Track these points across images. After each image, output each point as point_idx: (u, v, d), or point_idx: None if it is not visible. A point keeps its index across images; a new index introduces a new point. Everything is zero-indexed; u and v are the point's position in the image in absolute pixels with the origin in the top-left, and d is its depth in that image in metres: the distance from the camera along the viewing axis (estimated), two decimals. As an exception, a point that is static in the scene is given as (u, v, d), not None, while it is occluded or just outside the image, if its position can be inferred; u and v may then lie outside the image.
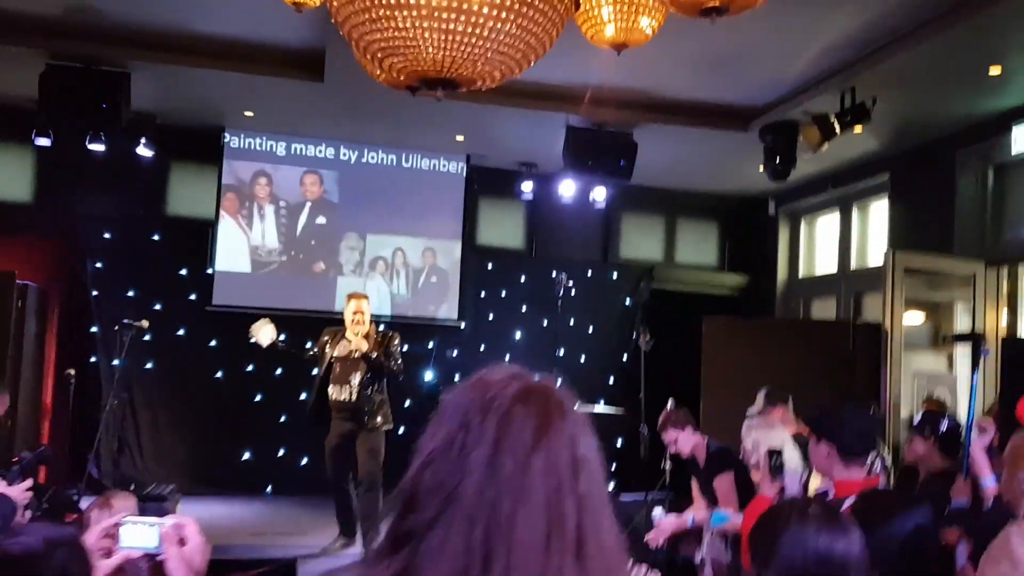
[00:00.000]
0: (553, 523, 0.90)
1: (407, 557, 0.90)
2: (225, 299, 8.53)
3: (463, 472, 0.91)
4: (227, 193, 8.63)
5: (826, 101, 6.54)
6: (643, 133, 7.50)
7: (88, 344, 8.17)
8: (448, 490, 0.90)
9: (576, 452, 0.95)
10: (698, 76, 6.62)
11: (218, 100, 7.70)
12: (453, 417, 0.95)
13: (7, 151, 8.35)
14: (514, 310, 9.44)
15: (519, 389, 0.96)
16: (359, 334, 6.04)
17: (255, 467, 8.48)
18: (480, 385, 0.97)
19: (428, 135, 8.42)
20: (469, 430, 0.93)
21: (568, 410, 0.98)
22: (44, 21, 6.18)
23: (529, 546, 0.88)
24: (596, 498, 0.95)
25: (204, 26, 6.30)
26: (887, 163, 8.10)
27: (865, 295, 8.58)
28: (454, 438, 0.93)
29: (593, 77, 6.75)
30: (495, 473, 0.90)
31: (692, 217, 10.13)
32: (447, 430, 0.95)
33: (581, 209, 9.16)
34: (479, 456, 0.91)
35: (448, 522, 0.89)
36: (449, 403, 0.98)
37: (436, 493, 0.91)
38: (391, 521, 0.94)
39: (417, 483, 0.93)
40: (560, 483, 0.92)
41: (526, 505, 0.89)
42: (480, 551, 0.87)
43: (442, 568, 0.87)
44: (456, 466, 0.91)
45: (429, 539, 0.89)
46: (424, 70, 2.47)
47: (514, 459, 0.91)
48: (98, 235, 8.31)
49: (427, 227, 9.09)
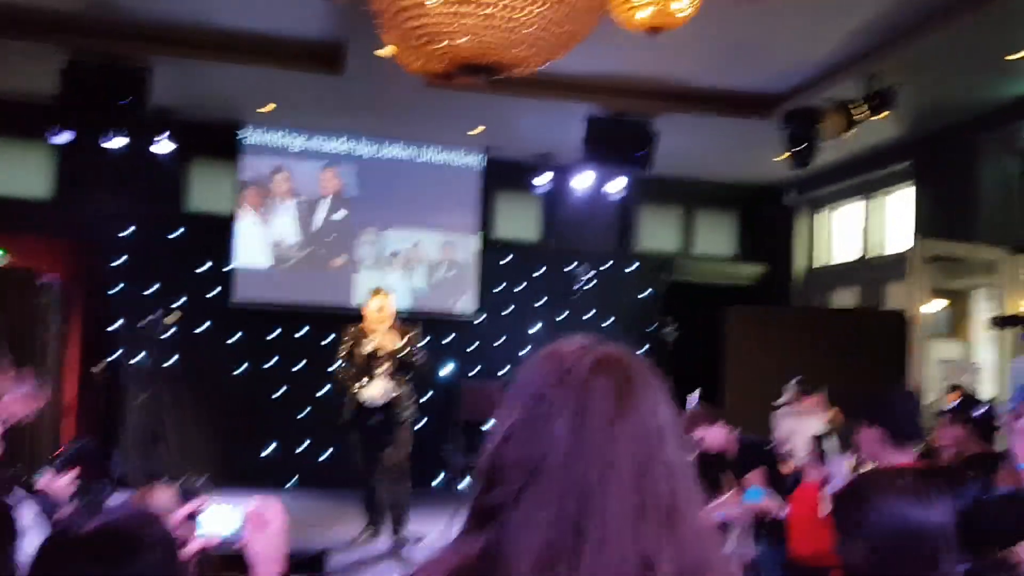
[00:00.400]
0: (644, 492, 0.88)
1: (494, 532, 0.89)
2: (246, 295, 8.55)
3: (546, 444, 0.90)
4: (246, 188, 8.64)
5: (849, 87, 6.49)
6: (663, 122, 7.46)
7: (109, 342, 8.19)
8: (532, 463, 0.89)
9: (660, 420, 0.93)
10: (719, 63, 6.59)
11: (237, 95, 7.70)
12: (528, 390, 0.94)
13: (27, 149, 8.37)
14: (531, 303, 9.43)
15: (596, 358, 0.95)
16: (384, 331, 6.07)
17: (279, 460, 8.51)
18: (554, 357, 0.96)
19: (445, 128, 8.41)
20: (548, 402, 0.92)
21: (648, 378, 0.96)
22: (65, 17, 6.18)
23: (620, 516, 0.87)
24: (683, 468, 0.93)
25: (224, 20, 6.30)
26: (909, 150, 8.04)
27: (886, 283, 8.53)
28: (532, 411, 0.92)
29: (613, 66, 6.72)
30: (580, 443, 0.89)
31: (710, 207, 10.09)
32: (524, 404, 0.93)
33: (597, 201, 9.13)
34: (561, 426, 0.90)
35: (535, 495, 0.88)
36: (522, 378, 0.97)
37: (520, 467, 0.90)
38: (472, 498, 0.93)
39: (498, 458, 0.92)
40: (648, 451, 0.90)
41: (614, 474, 0.88)
42: (570, 522, 0.86)
43: (532, 541, 0.86)
44: (538, 438, 0.90)
45: (516, 513, 0.88)
46: (465, 56, 2.46)
47: (598, 428, 0.90)
48: (118, 232, 8.33)
49: (444, 221, 9.08)
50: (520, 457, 0.90)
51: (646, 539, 0.87)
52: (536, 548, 0.86)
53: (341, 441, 8.54)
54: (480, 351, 9.16)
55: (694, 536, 0.90)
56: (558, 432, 0.89)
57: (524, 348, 9.36)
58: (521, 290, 9.43)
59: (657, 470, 0.90)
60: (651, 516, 0.88)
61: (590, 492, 0.87)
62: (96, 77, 6.51)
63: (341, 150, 8.86)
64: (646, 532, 0.87)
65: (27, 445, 6.59)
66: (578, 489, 0.87)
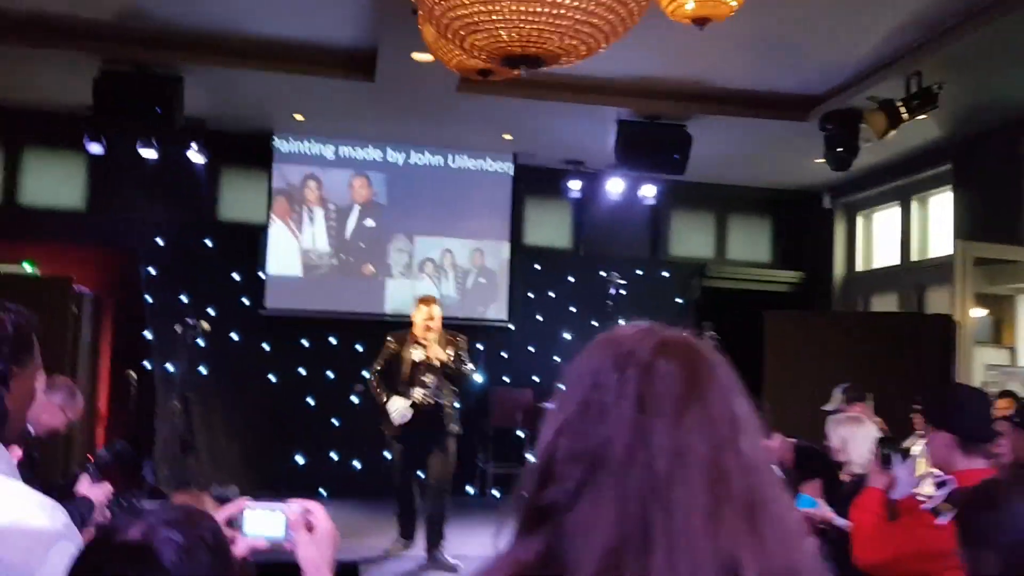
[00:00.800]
0: (719, 487, 0.78)
1: (551, 533, 0.79)
2: (277, 303, 8.54)
3: (606, 435, 0.80)
4: (277, 197, 8.64)
5: (890, 87, 6.33)
6: (697, 125, 7.34)
7: (142, 350, 8.21)
8: (590, 457, 0.80)
9: (733, 408, 0.83)
10: (755, 63, 6.46)
11: (268, 103, 7.70)
12: (583, 380, 0.84)
13: (61, 159, 8.44)
14: (563, 310, 9.33)
15: (658, 341, 0.85)
16: (432, 340, 5.88)
17: (308, 470, 8.45)
18: (610, 343, 0.86)
19: (475, 134, 8.35)
20: (607, 389, 0.82)
21: (716, 363, 0.86)
22: (97, 26, 6.20)
23: (693, 511, 0.76)
24: (762, 462, 0.83)
25: (255, 27, 6.29)
26: (949, 152, 7.85)
27: (928, 288, 8.32)
28: (589, 400, 0.82)
29: (645, 68, 6.62)
30: (644, 432, 0.79)
31: (744, 212, 9.93)
32: (579, 393, 0.84)
33: (629, 207, 9.03)
34: (622, 415, 0.80)
35: (595, 491, 0.78)
36: (576, 365, 0.87)
37: (577, 461, 0.80)
38: (525, 498, 0.83)
39: (552, 453, 0.82)
40: (720, 441, 0.80)
41: (684, 465, 0.78)
42: (636, 521, 0.76)
43: (594, 544, 0.76)
44: (596, 429, 0.81)
45: (575, 511, 0.78)
46: (507, 46, 2.37)
47: (664, 415, 0.80)
48: (151, 241, 8.35)
49: (475, 228, 9.02)
50: (577, 451, 0.81)
51: (725, 539, 0.76)
52: (599, 551, 0.76)
53: (372, 451, 8.54)
54: (511, 359, 9.07)
55: (780, 537, 0.79)
56: (619, 421, 0.80)
57: (555, 356, 9.28)
58: (552, 297, 9.34)
59: (732, 462, 0.80)
60: (729, 514, 0.77)
61: (657, 487, 0.77)
62: (128, 86, 6.53)
63: (371, 158, 8.84)
64: (724, 531, 0.77)
65: (61, 454, 6.60)
66: (644, 484, 0.77)
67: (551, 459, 0.82)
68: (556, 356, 9.28)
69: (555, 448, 0.82)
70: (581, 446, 0.81)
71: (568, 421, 0.83)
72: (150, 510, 1.17)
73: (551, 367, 9.26)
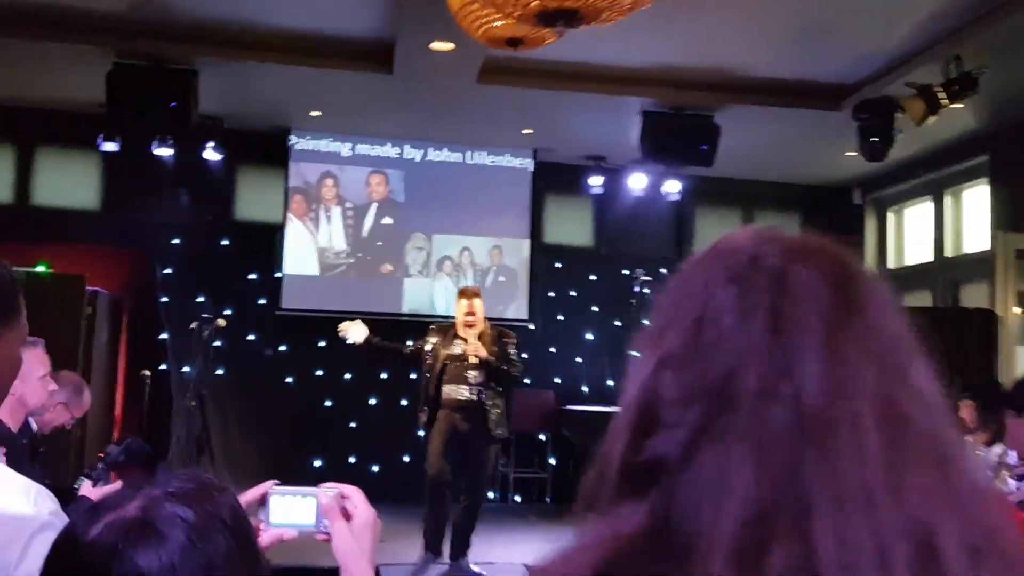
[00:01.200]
0: (893, 427, 0.57)
1: (660, 497, 0.58)
2: (294, 303, 8.38)
3: (730, 364, 0.58)
4: (294, 196, 8.49)
5: (927, 73, 6.08)
6: (724, 116, 7.13)
7: (158, 351, 8.07)
8: (710, 393, 0.58)
9: (897, 329, 0.62)
10: (786, 50, 6.24)
11: (284, 98, 7.55)
12: (690, 297, 0.63)
13: (75, 159, 8.32)
14: (584, 310, 9.12)
15: (787, 245, 0.63)
16: (473, 337, 5.49)
17: (326, 474, 8.22)
18: (723, 250, 0.65)
19: (495, 128, 8.17)
20: (727, 305, 0.60)
21: (867, 272, 0.64)
22: (109, 18, 6.06)
23: (866, 462, 0.55)
24: (941, 401, 0.61)
25: (271, 19, 6.14)
26: (985, 143, 7.59)
27: (963, 285, 8.05)
28: (702, 322, 0.61)
29: (670, 56, 6.42)
30: (784, 357, 0.58)
31: (771, 209, 9.68)
32: (686, 316, 0.62)
33: (652, 203, 8.82)
34: (752, 337, 0.59)
35: (721, 438, 0.57)
36: (676, 285, 0.66)
37: (691, 401, 0.59)
38: (616, 455, 0.62)
39: (651, 394, 0.61)
40: (890, 370, 0.59)
41: (847, 397, 0.57)
42: (784, 474, 0.55)
43: (728, 507, 0.55)
44: (716, 358, 0.59)
45: (694, 467, 0.57)
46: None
47: (811, 333, 0.58)
48: (167, 241, 8.23)
49: (494, 225, 8.84)
50: (690, 387, 0.59)
51: (912, 499, 0.55)
52: (735, 519, 0.54)
53: (392, 454, 8.36)
54: (531, 360, 8.83)
55: (976, 499, 0.58)
56: (747, 346, 0.58)
57: (577, 357, 9.07)
58: (573, 297, 9.14)
59: (908, 399, 0.59)
60: (913, 465, 0.56)
61: (811, 430, 0.56)
62: (142, 80, 6.40)
63: (388, 155, 8.68)
64: (911, 489, 0.55)
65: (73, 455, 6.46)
66: (790, 427, 0.56)
67: (651, 401, 0.61)
68: (578, 357, 9.08)
69: (656, 386, 0.61)
70: (695, 381, 0.59)
71: (672, 351, 0.61)
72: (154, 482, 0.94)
73: (573, 368, 9.06)
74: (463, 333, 5.55)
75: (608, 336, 8.98)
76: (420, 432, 5.83)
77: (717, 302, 0.61)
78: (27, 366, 2.73)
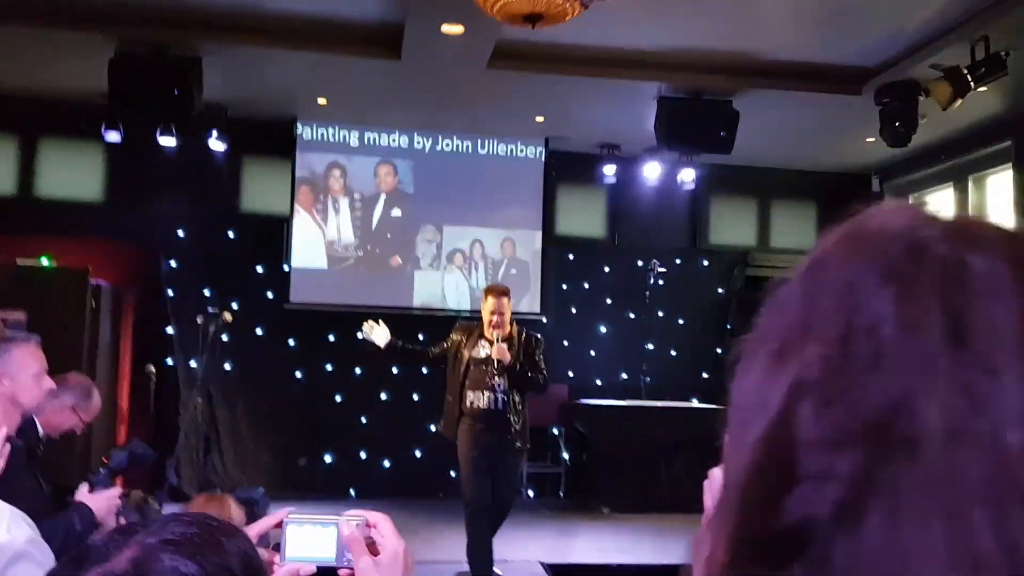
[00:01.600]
0: None
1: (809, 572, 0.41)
2: (302, 297, 8.24)
3: (898, 391, 0.41)
4: (301, 187, 8.34)
5: (952, 55, 5.89)
6: (743, 102, 6.93)
7: (164, 346, 7.94)
8: (872, 433, 0.41)
9: None
10: (805, 33, 6.04)
11: (290, 85, 7.38)
12: (831, 302, 0.45)
13: (78, 150, 8.18)
14: (598, 302, 8.96)
15: (954, 228, 0.46)
16: (499, 339, 5.15)
17: (337, 470, 8.16)
18: (866, 238, 0.47)
19: (506, 116, 7.98)
20: (881, 314, 0.43)
21: None
22: (111, 5, 5.91)
23: None
24: None
25: (275, 3, 5.96)
26: (1009, 128, 7.38)
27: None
28: (852, 334, 0.43)
29: (685, 39, 6.23)
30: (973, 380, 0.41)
31: (788, 198, 9.48)
32: (829, 327, 0.44)
33: (667, 193, 8.64)
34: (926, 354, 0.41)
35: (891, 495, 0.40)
36: (802, 285, 0.47)
37: (844, 444, 0.41)
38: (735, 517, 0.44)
39: (785, 433, 0.43)
40: None
41: None
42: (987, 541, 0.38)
43: None
44: (876, 384, 0.41)
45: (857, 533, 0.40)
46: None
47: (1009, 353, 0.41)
48: (172, 233, 8.09)
49: (505, 217, 8.67)
50: (842, 425, 0.42)
51: None
52: None
53: (403, 450, 8.22)
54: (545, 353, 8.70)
55: None
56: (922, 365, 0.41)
57: (590, 350, 8.91)
58: (587, 289, 8.97)
59: None
60: None
61: (1019, 484, 0.39)
62: (145, 68, 6.25)
63: (397, 144, 8.52)
64: None
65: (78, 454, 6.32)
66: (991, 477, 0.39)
67: (785, 442, 0.43)
68: (591, 350, 8.92)
69: (790, 422, 0.44)
70: (849, 416, 0.41)
71: (811, 374, 0.43)
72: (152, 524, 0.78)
73: (586, 361, 8.90)
74: (489, 334, 5.22)
75: (622, 328, 8.82)
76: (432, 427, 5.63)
77: (871, 308, 0.43)
78: (17, 362, 2.59)
